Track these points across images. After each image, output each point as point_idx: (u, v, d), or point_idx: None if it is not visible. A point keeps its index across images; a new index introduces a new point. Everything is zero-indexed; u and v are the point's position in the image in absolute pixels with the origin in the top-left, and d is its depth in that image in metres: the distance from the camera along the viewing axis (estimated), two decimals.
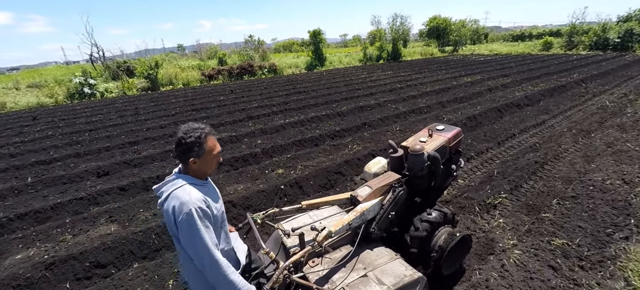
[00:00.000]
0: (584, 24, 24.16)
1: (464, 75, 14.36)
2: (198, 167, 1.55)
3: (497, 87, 10.73)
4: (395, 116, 7.89)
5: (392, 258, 2.03)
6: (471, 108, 8.14)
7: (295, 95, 12.32)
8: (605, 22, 22.15)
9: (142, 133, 8.13)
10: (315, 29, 23.91)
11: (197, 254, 1.44)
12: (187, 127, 1.52)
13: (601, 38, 20.92)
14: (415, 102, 9.32)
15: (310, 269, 1.95)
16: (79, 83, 17.50)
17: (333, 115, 8.47)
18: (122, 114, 11.18)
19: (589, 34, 22.05)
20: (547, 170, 4.43)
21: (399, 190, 2.28)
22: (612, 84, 9.93)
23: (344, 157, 5.31)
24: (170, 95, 15.12)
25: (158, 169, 5.56)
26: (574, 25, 23.51)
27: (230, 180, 4.88)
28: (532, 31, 40.09)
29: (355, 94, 11.45)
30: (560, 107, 7.75)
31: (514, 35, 40.93)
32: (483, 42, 39.94)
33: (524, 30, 42.40)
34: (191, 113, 10.46)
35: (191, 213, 1.41)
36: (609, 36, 20.53)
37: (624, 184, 3.81)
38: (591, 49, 21.33)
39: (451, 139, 2.82)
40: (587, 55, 18.91)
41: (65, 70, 24.61)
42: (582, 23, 24.03)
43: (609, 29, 21.06)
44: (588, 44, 21.63)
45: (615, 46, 19.96)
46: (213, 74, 20.90)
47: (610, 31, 20.90)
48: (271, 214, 2.21)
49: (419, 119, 7.51)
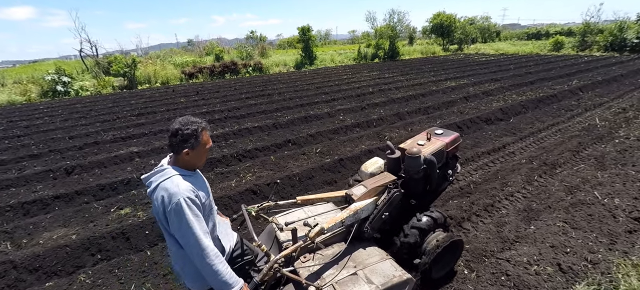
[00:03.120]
0: (599, 23, 21.66)
1: (452, 78, 12.83)
2: (190, 158, 1.56)
3: (477, 95, 9.24)
4: (333, 131, 6.62)
5: (382, 258, 2.03)
6: (428, 122, 6.77)
7: (255, 99, 11.20)
8: (622, 20, 19.69)
9: (44, 145, 7.23)
10: (304, 26, 22.65)
11: (188, 242, 1.45)
12: (185, 120, 1.55)
13: (618, 38, 18.60)
14: (370, 113, 8.00)
15: (302, 264, 1.95)
16: (52, 80, 16.95)
17: (268, 127, 7.29)
18: (66, 117, 10.43)
19: (604, 34, 19.71)
20: (464, 230, 3.11)
21: (394, 191, 2.28)
22: (614, 95, 8.27)
23: (217, 193, 4.14)
24: (136, 96, 14.34)
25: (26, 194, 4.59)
26: (588, 24, 21.09)
27: (56, 224, 3.81)
28: (549, 29, 37.33)
29: (317, 99, 10.21)
30: (536, 125, 6.27)
31: (529, 34, 38.33)
32: (495, 41, 37.58)
33: (540, 29, 39.65)
34: (130, 119, 9.54)
35: (180, 203, 1.43)
36: (627, 36, 18.19)
37: (560, 272, 2.47)
38: (606, 50, 19.04)
39: (449, 143, 2.77)
40: (599, 57, 16.82)
41: (63, 64, 24.11)
42: (597, 22, 21.53)
43: (627, 29, 18.69)
44: (603, 45, 19.32)
45: (633, 47, 17.64)
46: (193, 72, 20.03)
47: (628, 31, 18.54)
48: (266, 207, 2.19)
49: (355, 136, 6.21)
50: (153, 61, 22.52)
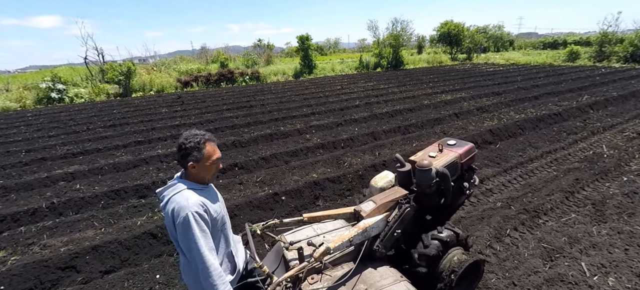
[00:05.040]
0: (617, 32, 19.95)
1: (450, 91, 11.81)
2: (197, 171, 1.56)
3: (469, 111, 8.24)
4: (291, 153, 5.78)
5: (396, 279, 1.87)
6: (401, 145, 5.87)
7: (235, 111, 10.57)
8: None
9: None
10: (303, 35, 22.07)
11: (193, 257, 1.45)
12: (188, 133, 1.55)
13: (639, 48, 17.04)
14: (342, 131, 7.14)
15: (309, 286, 1.83)
16: (47, 88, 16.93)
17: (227, 146, 6.55)
18: (42, 126, 10.08)
19: (624, 44, 18.10)
20: None
21: (405, 206, 2.16)
22: (629, 115, 7.10)
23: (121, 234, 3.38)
24: (125, 104, 14.03)
25: None
26: (606, 33, 19.47)
27: None
28: (567, 38, 35.46)
29: (296, 112, 9.46)
30: (528, 152, 5.27)
31: (545, 43, 36.58)
32: (508, 50, 36.01)
33: (557, 38, 37.79)
34: (98, 131, 9.05)
35: (188, 217, 1.43)
36: None
37: None
38: (626, 61, 17.43)
39: (463, 155, 2.54)
40: (618, 69, 15.36)
41: (71, 70, 24.21)
42: (615, 31, 19.83)
43: None
44: (622, 56, 17.71)
45: None
46: (189, 80, 19.72)
47: None
48: (271, 225, 2.11)
49: (309, 162, 5.36)
50: (148, 69, 22.42)
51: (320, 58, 34.83)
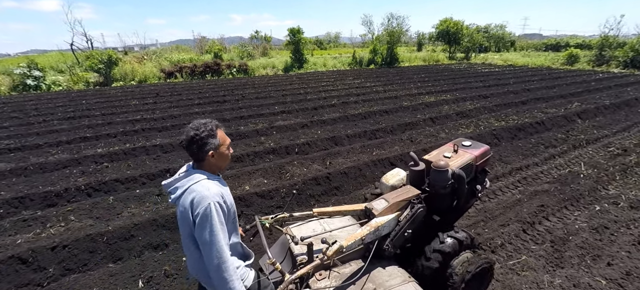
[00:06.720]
0: (618, 36, 19.10)
1: (436, 92, 11.15)
2: (216, 160, 1.49)
3: (448, 116, 7.61)
4: (233, 158, 5.20)
5: (405, 280, 1.85)
6: (360, 153, 5.26)
7: (207, 106, 10.02)
8: None
9: None
10: (294, 28, 21.34)
11: (209, 251, 1.38)
12: (197, 124, 1.45)
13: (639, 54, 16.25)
14: (303, 133, 6.53)
15: (317, 282, 1.79)
16: (22, 74, 16.31)
17: (170, 147, 5.97)
18: None
19: (624, 49, 17.30)
20: None
21: (417, 207, 2.11)
22: (617, 127, 6.46)
23: None
24: (99, 94, 13.45)
25: None
26: (606, 37, 18.62)
27: None
28: (570, 41, 34.53)
29: (267, 109, 8.87)
30: (495, 169, 4.63)
31: (547, 45, 35.70)
32: (509, 50, 35.17)
33: (560, 40, 36.86)
34: (52, 123, 8.47)
35: (210, 207, 1.36)
36: None
37: None
38: (626, 66, 16.65)
39: (478, 156, 2.49)
40: (616, 75, 14.62)
41: (60, 56, 23.40)
42: (617, 35, 18.98)
43: None
44: (622, 61, 16.92)
45: None
46: (173, 71, 19.06)
47: None
48: (280, 218, 2.09)
49: (248, 170, 4.76)
50: (139, 58, 21.78)
51: (318, 52, 34.05)
